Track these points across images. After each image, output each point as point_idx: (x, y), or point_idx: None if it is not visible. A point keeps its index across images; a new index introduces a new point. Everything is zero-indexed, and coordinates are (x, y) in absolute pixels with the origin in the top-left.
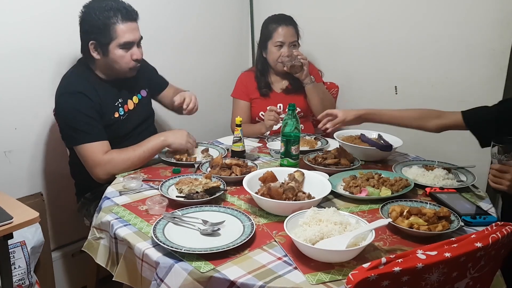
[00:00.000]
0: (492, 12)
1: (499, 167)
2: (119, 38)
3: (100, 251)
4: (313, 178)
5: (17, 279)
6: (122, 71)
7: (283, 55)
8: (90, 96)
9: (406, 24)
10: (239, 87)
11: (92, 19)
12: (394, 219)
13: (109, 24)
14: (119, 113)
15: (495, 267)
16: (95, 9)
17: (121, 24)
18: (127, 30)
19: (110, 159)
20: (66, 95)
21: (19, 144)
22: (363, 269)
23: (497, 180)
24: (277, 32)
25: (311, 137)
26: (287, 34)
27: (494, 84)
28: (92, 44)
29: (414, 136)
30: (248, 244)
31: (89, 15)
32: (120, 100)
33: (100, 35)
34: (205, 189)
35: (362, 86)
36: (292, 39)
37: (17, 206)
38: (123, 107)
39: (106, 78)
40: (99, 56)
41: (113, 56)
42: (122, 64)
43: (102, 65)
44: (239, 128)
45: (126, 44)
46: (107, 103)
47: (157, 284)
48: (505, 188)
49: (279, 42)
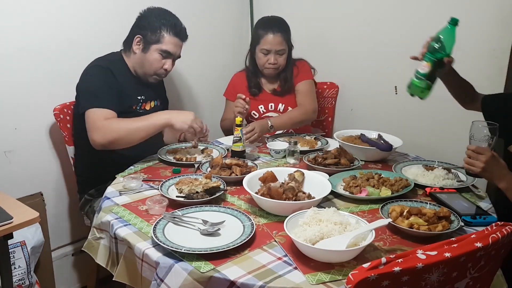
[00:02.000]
0: (492, 12)
1: (475, 147)
2: (163, 45)
3: (100, 251)
4: (313, 178)
5: (17, 279)
6: (148, 73)
7: (269, 62)
8: (116, 76)
9: (406, 24)
10: (229, 88)
11: (151, 21)
12: (394, 219)
13: (161, 30)
14: (138, 107)
15: (495, 267)
16: (157, 15)
17: (171, 36)
18: (172, 42)
19: (108, 124)
20: (95, 67)
21: (19, 144)
22: (363, 269)
23: (470, 161)
24: (264, 39)
25: (311, 137)
26: (273, 42)
27: (494, 84)
28: (138, 38)
29: (414, 136)
30: (248, 244)
31: (150, 16)
32: (143, 97)
33: (150, 33)
34: (205, 189)
35: (362, 86)
36: (278, 47)
37: (17, 206)
38: (142, 105)
39: (134, 74)
40: (138, 51)
41: (149, 56)
42: (152, 67)
43: (135, 60)
44: (239, 128)
45: (165, 52)
46: (129, 91)
47: (157, 284)
48: (478, 170)
49: (264, 50)
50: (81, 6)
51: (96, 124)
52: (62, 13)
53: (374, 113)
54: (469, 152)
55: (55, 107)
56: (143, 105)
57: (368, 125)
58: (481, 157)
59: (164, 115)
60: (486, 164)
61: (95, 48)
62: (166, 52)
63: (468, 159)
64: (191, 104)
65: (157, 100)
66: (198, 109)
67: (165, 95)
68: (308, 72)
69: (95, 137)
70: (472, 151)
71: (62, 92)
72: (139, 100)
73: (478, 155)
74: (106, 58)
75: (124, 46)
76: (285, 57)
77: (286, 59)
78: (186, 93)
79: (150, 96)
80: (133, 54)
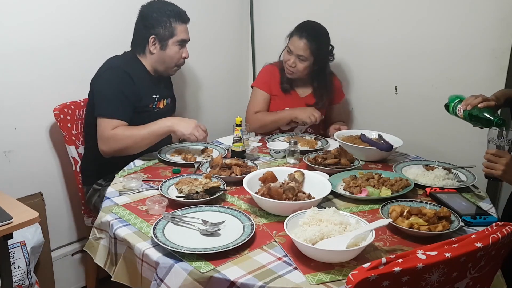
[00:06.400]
0: (492, 12)
1: (495, 151)
2: (178, 36)
3: (99, 251)
4: (313, 178)
5: (17, 279)
6: (170, 66)
7: (288, 62)
8: (134, 78)
9: (406, 24)
10: (262, 77)
11: (158, 17)
12: (394, 219)
13: (171, 22)
14: (153, 105)
15: (495, 267)
16: (159, 9)
17: (180, 24)
18: (184, 30)
19: (114, 134)
20: (112, 70)
21: (19, 144)
22: (363, 269)
23: (490, 165)
24: (292, 39)
25: (311, 137)
26: (297, 45)
27: (494, 84)
28: (153, 38)
29: (414, 136)
30: (248, 244)
31: (154, 13)
32: (157, 95)
33: (163, 30)
34: (205, 189)
35: (362, 86)
36: (300, 53)
37: (17, 206)
38: (157, 103)
39: (151, 72)
40: (156, 50)
41: (169, 51)
42: (174, 60)
43: (154, 59)
44: (239, 128)
45: (182, 41)
46: (146, 91)
47: (157, 284)
48: (499, 173)
49: (288, 49)
50: (81, 6)
51: (104, 135)
52: (62, 13)
53: (374, 113)
54: (488, 156)
55: (55, 107)
56: (158, 104)
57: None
58: (502, 160)
59: (167, 122)
60: (507, 167)
61: (95, 48)
62: (182, 41)
63: (488, 163)
64: (191, 104)
65: (168, 98)
66: (198, 108)
67: (173, 93)
68: (341, 89)
69: (103, 147)
70: (492, 154)
71: (62, 92)
72: (154, 99)
73: (498, 158)
74: (123, 59)
75: (135, 49)
76: (306, 65)
77: (307, 68)
78: (186, 93)
79: (163, 94)
80: (151, 54)
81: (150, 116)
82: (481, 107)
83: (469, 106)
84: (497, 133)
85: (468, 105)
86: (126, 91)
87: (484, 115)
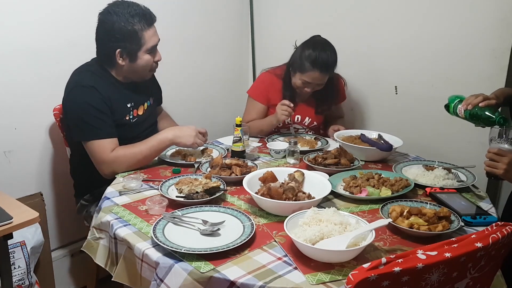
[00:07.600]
0: (492, 12)
1: (497, 150)
2: (147, 43)
3: (99, 251)
4: (313, 178)
5: (17, 279)
6: (143, 74)
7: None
8: (102, 91)
9: (406, 24)
10: (258, 87)
11: (121, 27)
12: (394, 219)
13: (137, 31)
14: (130, 116)
15: (495, 267)
16: (121, 16)
17: (147, 29)
18: (152, 34)
19: (116, 157)
20: (78, 88)
21: (19, 144)
22: (363, 269)
23: (492, 164)
24: (309, 74)
25: (311, 137)
26: (317, 79)
27: (494, 84)
28: (119, 52)
29: (414, 136)
30: (248, 244)
31: (116, 23)
32: (132, 103)
33: (130, 43)
34: (205, 189)
35: (362, 86)
36: (317, 82)
37: (17, 206)
38: (133, 112)
39: (122, 80)
40: (125, 62)
41: (141, 61)
42: (147, 68)
43: (125, 70)
44: (239, 128)
45: (152, 48)
46: (118, 103)
47: (157, 284)
48: (501, 172)
49: (306, 82)
50: (81, 6)
51: (103, 158)
52: (62, 13)
53: (374, 113)
54: (490, 155)
55: (55, 107)
56: (134, 112)
57: (368, 125)
58: (504, 159)
59: (168, 135)
60: (509, 166)
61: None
62: (153, 47)
63: (490, 162)
64: (192, 104)
65: (148, 100)
66: (199, 108)
67: (157, 88)
68: (344, 89)
69: (105, 171)
70: (494, 153)
71: (62, 92)
72: (129, 109)
73: (500, 157)
74: (85, 71)
75: (101, 60)
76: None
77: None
78: (186, 93)
79: (139, 99)
80: (120, 66)
81: (128, 130)
82: (482, 106)
83: (470, 105)
84: (499, 131)
85: (469, 104)
86: (100, 107)
87: (486, 114)
